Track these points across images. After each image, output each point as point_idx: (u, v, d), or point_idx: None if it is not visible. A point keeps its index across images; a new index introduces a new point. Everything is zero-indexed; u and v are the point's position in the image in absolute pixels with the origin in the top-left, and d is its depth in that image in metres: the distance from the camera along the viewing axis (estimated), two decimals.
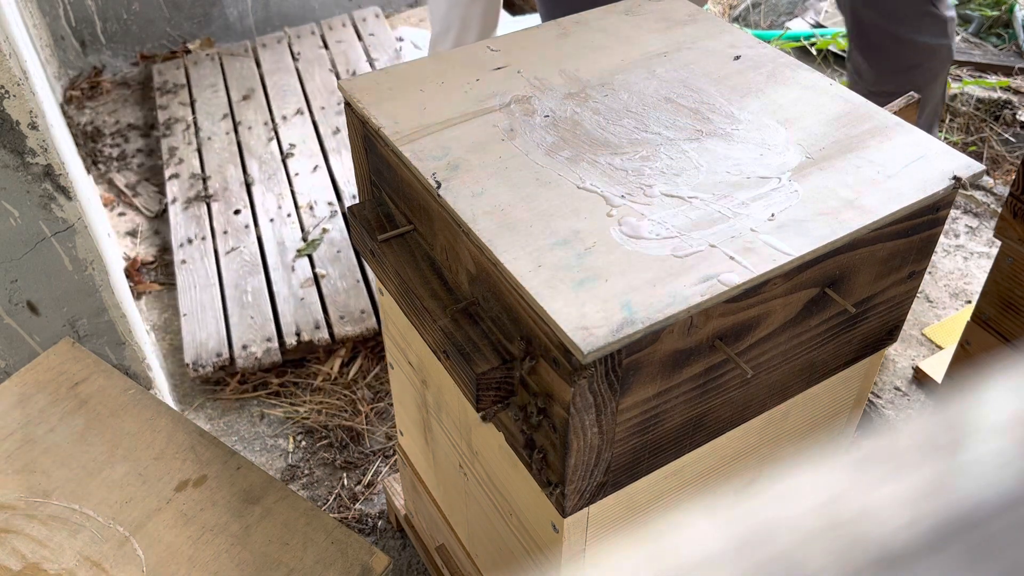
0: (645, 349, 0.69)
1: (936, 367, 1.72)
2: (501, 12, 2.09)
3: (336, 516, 1.56)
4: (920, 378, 1.74)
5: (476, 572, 1.15)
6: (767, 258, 0.72)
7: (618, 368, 0.69)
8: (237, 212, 2.15)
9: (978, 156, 2.27)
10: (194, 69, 2.64)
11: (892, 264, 0.83)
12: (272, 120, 2.43)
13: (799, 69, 0.95)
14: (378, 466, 1.64)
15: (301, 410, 1.75)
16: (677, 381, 0.75)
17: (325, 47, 2.70)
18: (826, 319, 0.83)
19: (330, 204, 2.15)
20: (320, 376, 1.81)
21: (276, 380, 1.80)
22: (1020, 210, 1.19)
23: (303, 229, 2.09)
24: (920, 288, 1.42)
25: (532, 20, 2.86)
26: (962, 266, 1.99)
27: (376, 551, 1.18)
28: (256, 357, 1.80)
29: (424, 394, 1.08)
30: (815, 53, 2.70)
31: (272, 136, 2.38)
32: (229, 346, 1.82)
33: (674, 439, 0.81)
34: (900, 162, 0.81)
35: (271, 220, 2.12)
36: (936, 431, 0.20)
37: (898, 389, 1.73)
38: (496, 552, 1.04)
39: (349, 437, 1.69)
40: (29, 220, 1.25)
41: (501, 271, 0.72)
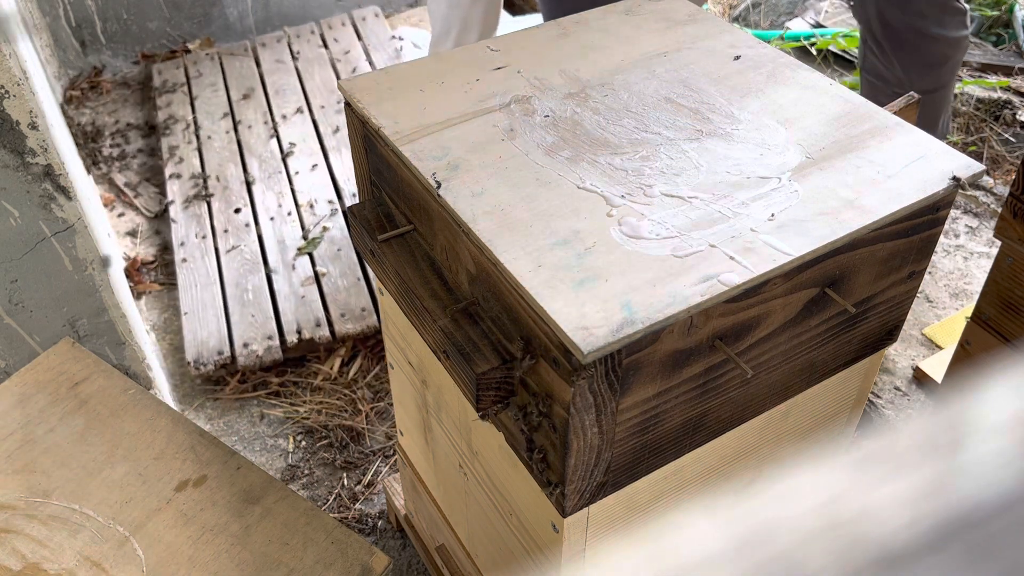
0: (645, 349, 0.69)
1: (936, 367, 1.72)
2: (502, 12, 2.09)
3: (336, 516, 1.56)
4: (920, 378, 1.74)
5: (476, 572, 1.15)
6: (767, 258, 0.72)
7: (618, 368, 0.69)
8: (237, 211, 2.15)
9: (978, 156, 2.27)
10: (194, 69, 2.64)
11: (892, 264, 0.83)
12: (272, 119, 2.43)
13: (799, 69, 0.95)
14: (378, 466, 1.64)
15: (301, 410, 1.75)
16: (677, 381, 0.75)
17: (325, 46, 2.70)
18: (826, 319, 0.83)
19: (330, 202, 2.15)
20: (320, 376, 1.81)
21: (276, 380, 1.80)
22: (1020, 210, 1.19)
23: (303, 227, 2.09)
24: (920, 288, 1.42)
25: (532, 20, 2.86)
26: (962, 266, 1.99)
27: (376, 551, 1.18)
28: (257, 355, 1.80)
29: (424, 394, 1.08)
30: (815, 53, 2.70)
31: (272, 135, 2.38)
32: (230, 344, 1.82)
33: (674, 439, 0.81)
34: (900, 162, 0.81)
35: (271, 218, 2.12)
36: (936, 431, 0.20)
37: (898, 389, 1.73)
38: (496, 552, 1.04)
39: (349, 437, 1.69)
40: (29, 220, 1.25)
41: (501, 271, 0.72)
